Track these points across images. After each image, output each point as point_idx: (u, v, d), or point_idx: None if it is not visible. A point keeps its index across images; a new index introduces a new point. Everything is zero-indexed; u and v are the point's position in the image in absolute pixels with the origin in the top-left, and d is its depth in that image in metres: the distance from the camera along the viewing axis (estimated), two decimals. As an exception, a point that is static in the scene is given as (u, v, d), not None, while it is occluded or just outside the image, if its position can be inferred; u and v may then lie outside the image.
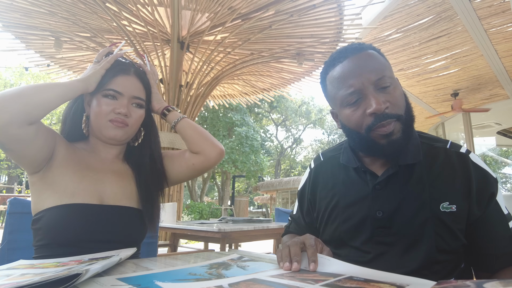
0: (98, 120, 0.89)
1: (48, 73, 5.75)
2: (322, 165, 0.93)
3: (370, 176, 0.79)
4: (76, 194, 0.83)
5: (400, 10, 4.14)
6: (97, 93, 0.90)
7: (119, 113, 0.89)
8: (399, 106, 0.73)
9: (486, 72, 5.38)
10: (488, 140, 9.31)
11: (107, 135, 0.90)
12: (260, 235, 2.81)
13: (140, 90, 0.95)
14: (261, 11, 3.75)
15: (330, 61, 0.79)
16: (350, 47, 0.77)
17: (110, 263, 0.57)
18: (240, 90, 6.11)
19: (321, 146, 28.79)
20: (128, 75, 0.93)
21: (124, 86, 0.91)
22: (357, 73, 0.72)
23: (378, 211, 0.74)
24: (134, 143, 1.01)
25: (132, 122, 0.92)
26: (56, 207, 0.81)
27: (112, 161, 0.97)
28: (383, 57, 0.77)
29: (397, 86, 0.75)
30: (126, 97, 0.91)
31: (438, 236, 0.70)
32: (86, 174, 0.88)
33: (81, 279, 0.45)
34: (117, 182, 0.92)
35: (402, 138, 0.72)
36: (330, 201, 0.84)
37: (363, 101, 0.72)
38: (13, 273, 0.54)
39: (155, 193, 0.98)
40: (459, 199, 0.71)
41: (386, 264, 0.73)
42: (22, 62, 15.62)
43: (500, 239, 0.70)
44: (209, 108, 14.60)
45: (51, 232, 0.80)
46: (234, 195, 16.23)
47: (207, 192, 28.79)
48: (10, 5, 3.65)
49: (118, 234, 0.85)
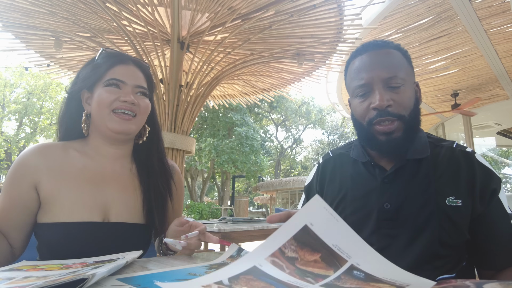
0: (101, 112, 0.81)
1: (48, 73, 5.74)
2: (330, 160, 0.95)
3: (379, 170, 0.81)
4: (75, 211, 0.76)
5: (400, 10, 4.14)
6: (97, 86, 0.84)
7: (124, 101, 0.81)
8: (404, 107, 0.75)
9: (486, 72, 5.38)
10: (488, 140, 9.31)
11: (114, 128, 0.82)
12: (260, 235, 2.81)
13: (142, 79, 0.88)
14: (261, 11, 3.75)
15: (354, 52, 0.83)
16: (374, 43, 0.81)
17: (116, 266, 0.55)
18: (240, 90, 6.11)
19: (321, 146, 28.77)
20: (128, 65, 0.87)
21: (125, 75, 0.85)
22: (370, 68, 0.76)
23: (386, 204, 0.76)
24: (139, 141, 0.93)
25: (140, 111, 0.85)
26: (54, 225, 0.75)
27: (115, 163, 0.88)
28: (405, 58, 0.80)
29: (409, 88, 0.77)
30: (130, 85, 0.84)
31: (442, 229, 0.71)
32: (86, 186, 0.79)
33: (88, 284, 0.43)
34: (121, 193, 0.84)
35: (402, 138, 0.74)
36: (338, 194, 0.86)
37: (371, 95, 0.76)
38: (16, 276, 0.52)
39: (165, 199, 0.90)
40: (464, 194, 0.72)
41: (389, 256, 0.74)
42: (22, 62, 15.63)
43: (502, 236, 0.71)
44: (209, 108, 14.59)
45: (51, 250, 0.76)
46: (234, 195, 16.22)
47: (207, 192, 28.77)
48: (10, 5, 3.65)
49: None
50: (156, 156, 0.94)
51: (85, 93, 0.87)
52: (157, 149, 0.95)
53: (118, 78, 0.83)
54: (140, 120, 0.87)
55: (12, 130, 17.41)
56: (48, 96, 17.30)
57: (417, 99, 0.79)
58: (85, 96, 0.87)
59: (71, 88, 0.88)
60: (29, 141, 16.55)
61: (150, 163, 0.92)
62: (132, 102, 0.82)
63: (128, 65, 0.87)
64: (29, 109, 16.33)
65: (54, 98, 17.49)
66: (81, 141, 0.89)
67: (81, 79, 0.86)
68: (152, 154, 0.94)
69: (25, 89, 17.19)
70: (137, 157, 0.93)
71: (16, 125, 17.09)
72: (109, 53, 0.88)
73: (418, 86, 0.82)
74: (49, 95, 17.26)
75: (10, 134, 16.88)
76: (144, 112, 0.87)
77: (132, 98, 0.82)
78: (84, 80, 0.85)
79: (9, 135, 16.75)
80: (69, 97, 0.88)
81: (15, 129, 17.03)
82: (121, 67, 0.85)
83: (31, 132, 16.87)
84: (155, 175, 0.91)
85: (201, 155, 16.16)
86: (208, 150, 15.75)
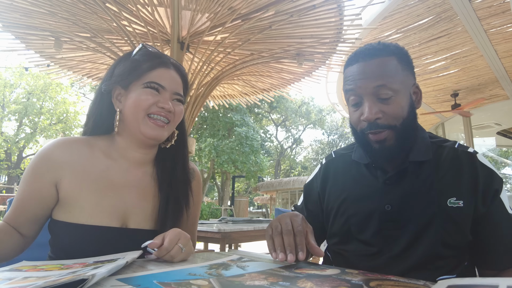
0: (136, 114, 0.79)
1: (48, 73, 5.74)
2: (333, 162, 0.95)
3: (381, 172, 0.81)
4: (95, 215, 0.75)
5: (400, 10, 4.14)
6: (134, 85, 0.81)
7: (162, 107, 0.80)
8: (395, 118, 0.74)
9: (486, 72, 5.38)
10: (488, 140, 9.32)
11: (147, 133, 0.80)
12: (260, 236, 2.81)
13: (180, 85, 0.86)
14: (261, 11, 3.75)
15: (348, 60, 0.82)
16: (365, 51, 0.78)
17: (117, 266, 0.55)
18: (240, 91, 6.11)
19: (321, 147, 28.77)
20: (169, 69, 0.84)
21: (166, 80, 0.82)
22: (359, 78, 0.76)
23: (387, 205, 0.77)
24: (167, 145, 0.90)
25: (174, 119, 0.84)
26: (72, 225, 0.74)
27: (138, 170, 0.86)
28: (400, 65, 0.76)
29: (401, 97, 0.75)
30: (169, 91, 0.82)
31: (444, 230, 0.71)
32: (107, 191, 0.78)
33: (88, 284, 0.43)
34: (141, 200, 0.82)
35: (395, 146, 0.75)
36: (340, 196, 0.86)
37: (362, 106, 0.77)
38: (16, 276, 0.52)
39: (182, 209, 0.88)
40: (466, 195, 0.72)
41: (391, 257, 0.74)
42: (22, 62, 15.66)
43: (504, 236, 0.71)
44: (209, 108, 14.60)
45: (66, 250, 0.75)
46: (234, 196, 16.23)
47: (207, 192, 28.76)
48: (10, 5, 3.65)
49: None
50: (181, 162, 0.92)
51: (117, 89, 0.84)
52: (182, 154, 0.93)
53: (159, 83, 0.81)
54: (173, 127, 0.86)
55: (12, 130, 17.42)
56: (48, 96, 17.29)
57: (412, 105, 0.77)
58: (116, 92, 0.84)
59: (105, 83, 0.84)
60: (29, 141, 16.55)
61: (174, 170, 0.90)
62: (169, 110, 0.81)
63: (169, 69, 0.84)
64: (29, 109, 16.33)
65: (54, 98, 17.48)
66: (108, 139, 0.86)
67: (118, 74, 0.83)
68: (177, 159, 0.92)
69: (25, 89, 17.18)
70: (162, 163, 0.90)
71: (16, 125, 17.10)
72: (150, 52, 0.85)
73: (418, 88, 0.81)
74: (49, 95, 17.25)
75: (10, 134, 16.87)
76: (178, 119, 0.86)
77: (170, 105, 0.81)
78: (121, 76, 0.82)
79: (9, 135, 16.75)
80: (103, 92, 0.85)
81: (15, 129, 17.03)
82: (163, 70, 0.83)
83: (31, 132, 16.87)
84: (176, 185, 0.88)
85: (201, 155, 16.17)
86: (208, 150, 15.76)
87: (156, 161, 0.91)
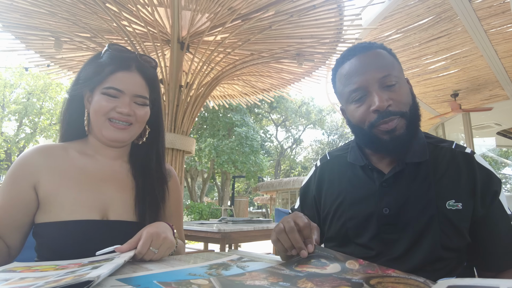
0: (97, 119, 0.82)
1: (48, 74, 5.74)
2: (328, 164, 0.93)
3: (377, 174, 0.79)
4: (75, 210, 0.77)
5: (400, 10, 4.14)
6: (97, 89, 0.83)
7: (120, 112, 0.82)
8: (404, 104, 0.74)
9: (486, 72, 5.38)
10: (488, 140, 9.31)
11: (108, 136, 0.83)
12: (260, 236, 2.81)
13: (143, 87, 0.86)
14: (261, 11, 3.75)
15: (340, 58, 0.81)
16: (360, 45, 0.79)
17: (116, 266, 0.55)
18: (240, 91, 6.11)
19: (321, 147, 28.77)
20: (130, 71, 0.85)
21: (125, 84, 0.83)
22: (363, 70, 0.74)
23: (385, 208, 0.75)
24: (139, 141, 0.93)
25: (136, 121, 0.85)
26: (53, 224, 0.75)
27: (114, 163, 0.89)
28: (392, 57, 0.78)
29: (404, 85, 0.76)
30: (128, 95, 0.83)
31: (443, 233, 0.70)
32: (85, 186, 0.81)
33: (93, 285, 0.44)
34: (120, 192, 0.85)
35: (405, 134, 0.73)
36: (336, 199, 0.85)
37: (368, 98, 0.74)
38: (12, 277, 0.52)
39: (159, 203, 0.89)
40: (465, 197, 0.72)
41: (390, 260, 0.73)
42: (22, 62, 15.62)
43: (503, 238, 0.71)
44: (209, 108, 14.60)
45: (50, 249, 0.76)
46: (234, 196, 16.22)
47: (207, 193, 28.76)
48: (10, 5, 3.65)
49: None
50: (155, 159, 0.94)
51: (87, 91, 0.86)
52: (156, 151, 0.95)
53: (116, 87, 0.82)
54: (136, 129, 0.87)
55: (12, 131, 17.42)
56: (48, 96, 17.30)
57: (413, 93, 0.79)
58: (87, 95, 0.87)
59: (72, 89, 0.87)
60: (29, 142, 16.55)
61: (148, 165, 0.92)
62: (128, 114, 0.82)
63: (130, 72, 0.85)
64: (29, 110, 16.33)
65: (54, 99, 17.48)
66: (82, 142, 0.89)
67: (82, 80, 0.86)
68: (151, 155, 0.93)
69: (25, 89, 17.18)
70: (135, 158, 0.93)
71: (16, 125, 17.09)
72: (113, 55, 0.86)
73: (409, 82, 0.81)
74: (49, 95, 17.25)
75: (10, 134, 16.87)
76: (141, 121, 0.87)
77: (128, 110, 0.82)
78: (85, 81, 0.85)
79: (9, 135, 16.75)
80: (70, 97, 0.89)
81: (15, 129, 17.03)
82: (123, 74, 0.83)
83: (31, 132, 16.87)
84: (152, 179, 0.90)
85: (201, 155, 16.17)
86: (208, 151, 15.76)
87: (130, 156, 0.94)
